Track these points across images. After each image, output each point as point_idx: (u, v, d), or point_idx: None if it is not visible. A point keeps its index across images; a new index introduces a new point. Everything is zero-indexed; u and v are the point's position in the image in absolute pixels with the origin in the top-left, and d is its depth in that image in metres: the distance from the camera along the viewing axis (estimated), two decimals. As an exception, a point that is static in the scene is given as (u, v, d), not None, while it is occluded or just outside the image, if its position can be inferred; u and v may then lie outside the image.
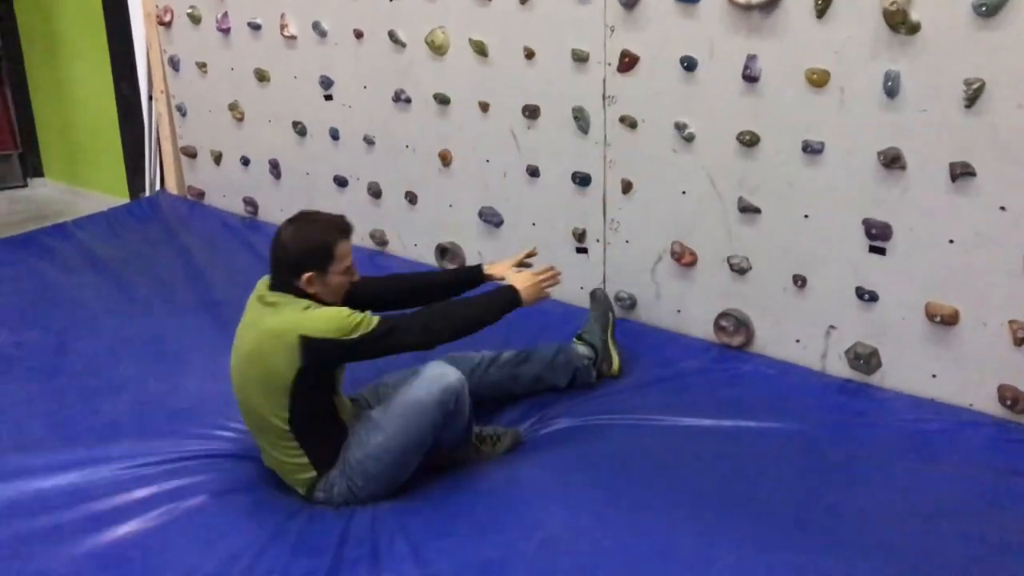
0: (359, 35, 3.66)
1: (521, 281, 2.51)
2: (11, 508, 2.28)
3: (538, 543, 2.10)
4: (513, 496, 2.29)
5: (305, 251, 2.26)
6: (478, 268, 2.72)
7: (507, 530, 2.15)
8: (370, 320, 2.23)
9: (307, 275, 2.25)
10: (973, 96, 2.37)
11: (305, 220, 2.35)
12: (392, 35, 3.54)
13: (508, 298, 2.46)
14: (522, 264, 2.72)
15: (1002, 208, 2.42)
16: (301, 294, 2.28)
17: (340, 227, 2.32)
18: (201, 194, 4.64)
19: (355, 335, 2.19)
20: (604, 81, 3.03)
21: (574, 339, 2.91)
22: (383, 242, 3.93)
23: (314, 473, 2.30)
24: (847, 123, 2.60)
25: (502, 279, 2.61)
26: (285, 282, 2.29)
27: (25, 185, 5.44)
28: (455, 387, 2.30)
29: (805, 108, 2.65)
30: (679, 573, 2.00)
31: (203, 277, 3.77)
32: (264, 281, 2.37)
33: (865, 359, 2.75)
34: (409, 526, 2.17)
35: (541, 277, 2.56)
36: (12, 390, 2.88)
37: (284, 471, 2.35)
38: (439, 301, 2.51)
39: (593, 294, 3.08)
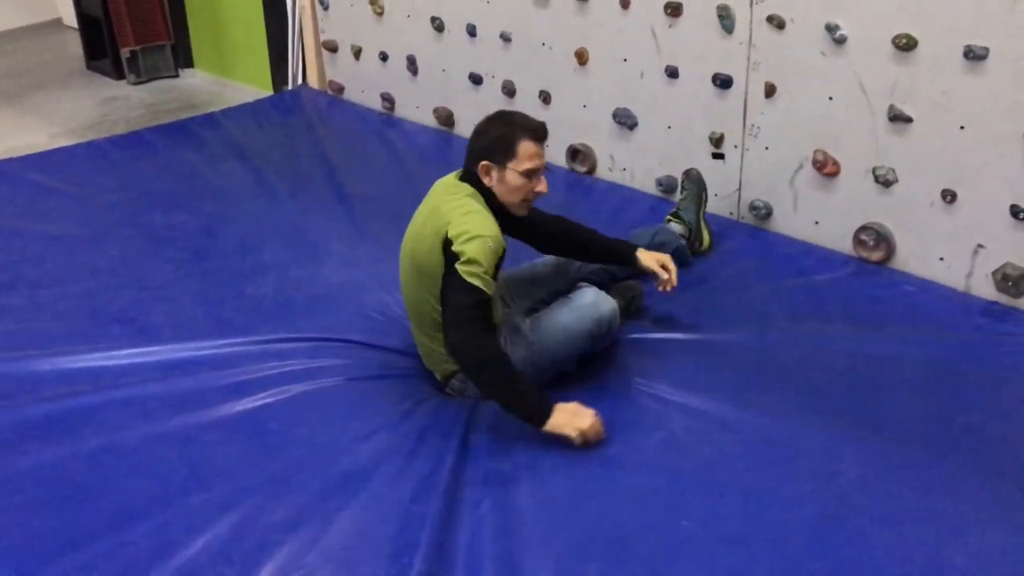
0: (500, -72, 3.60)
1: (567, 417, 2.12)
2: (162, 371, 2.47)
3: (657, 442, 2.13)
4: (635, 399, 2.32)
5: (490, 140, 2.26)
6: (634, 253, 2.54)
7: (627, 429, 2.19)
8: (485, 287, 2.14)
9: (484, 163, 2.26)
10: None
11: (502, 114, 2.34)
12: (534, -72, 3.47)
13: (534, 413, 2.12)
14: (663, 267, 2.52)
15: None
16: (482, 188, 2.29)
17: (531, 128, 2.27)
18: (341, 89, 4.73)
19: (465, 278, 2.12)
20: (753, -22, 2.90)
21: (667, 217, 3.01)
22: (516, 142, 3.92)
23: (456, 366, 2.35)
24: (1018, 26, 2.41)
25: (649, 271, 2.52)
26: (469, 171, 2.31)
27: (177, 75, 5.66)
28: (607, 317, 2.31)
29: (971, 9, 2.48)
30: (803, 483, 2.00)
31: (340, 171, 3.87)
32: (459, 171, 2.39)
33: (1014, 281, 2.61)
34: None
35: (588, 427, 2.11)
36: (165, 269, 3.07)
37: (427, 355, 2.42)
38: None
39: (688, 173, 3.13)
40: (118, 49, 5.50)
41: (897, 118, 2.72)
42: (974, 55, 2.50)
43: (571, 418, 2.10)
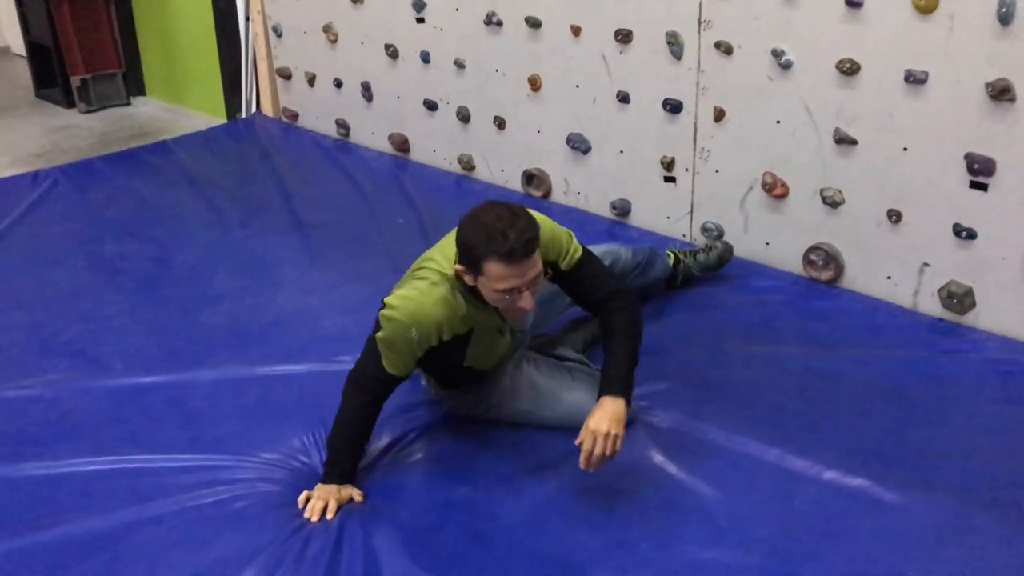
0: (452, -44, 3.63)
1: (331, 492, 2.06)
2: (114, 407, 2.43)
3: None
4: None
5: (462, 246, 1.95)
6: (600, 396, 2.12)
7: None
8: (390, 368, 2.06)
9: (458, 266, 1.99)
10: (1095, 24, 2.23)
11: (479, 217, 1.93)
12: (485, -44, 3.51)
13: (333, 474, 2.09)
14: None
15: (1118, 144, 2.30)
16: (466, 289, 2.05)
17: (499, 250, 1.88)
18: (295, 116, 4.72)
19: (383, 357, 2.05)
20: (700, 5, 2.95)
21: (675, 252, 2.92)
22: (470, 167, 3.95)
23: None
24: (955, 52, 2.48)
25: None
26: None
27: (128, 103, 5.61)
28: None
29: (911, 35, 2.54)
30: (758, 503, 2.01)
31: (295, 198, 3.86)
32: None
33: (959, 298, 2.67)
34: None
35: (320, 505, 2.03)
36: (115, 299, 3.03)
37: None
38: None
39: (726, 244, 3.01)
40: (68, 77, 5.44)
41: (843, 140, 2.78)
42: (915, 79, 2.57)
43: (327, 490, 2.05)
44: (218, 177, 4.11)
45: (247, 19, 4.70)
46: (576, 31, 3.32)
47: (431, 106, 4.00)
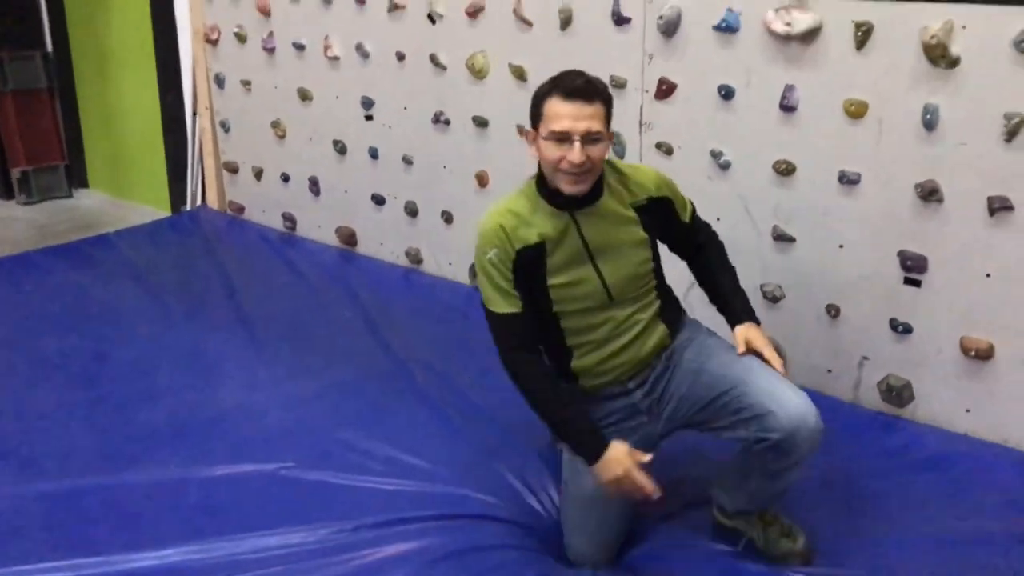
0: (401, 57, 3.72)
1: (619, 460, 1.98)
2: (47, 511, 2.34)
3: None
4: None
5: (533, 96, 2.03)
6: (735, 324, 2.21)
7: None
8: (492, 306, 2.06)
9: (528, 132, 2.05)
10: (1013, 130, 2.36)
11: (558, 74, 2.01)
12: (433, 58, 3.59)
13: (589, 452, 2.02)
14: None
15: (1040, 243, 2.41)
16: (540, 179, 2.09)
17: (561, 84, 1.95)
18: (241, 209, 4.72)
19: (485, 298, 2.09)
20: (641, 108, 3.05)
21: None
22: (418, 260, 3.97)
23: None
24: (884, 155, 2.60)
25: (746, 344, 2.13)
26: None
27: (70, 196, 5.56)
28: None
29: (842, 138, 2.66)
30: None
31: (239, 291, 3.83)
32: None
33: (898, 392, 2.73)
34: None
35: (633, 480, 1.97)
36: (51, 397, 2.95)
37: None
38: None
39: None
40: (8, 169, 5.38)
41: (780, 237, 2.86)
42: (848, 180, 2.68)
43: (606, 465, 1.97)
44: (161, 271, 4.06)
45: (194, 114, 4.73)
46: (522, 131, 3.39)
47: (379, 200, 4.03)
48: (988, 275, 2.50)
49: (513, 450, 2.58)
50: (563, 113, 1.93)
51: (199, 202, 4.87)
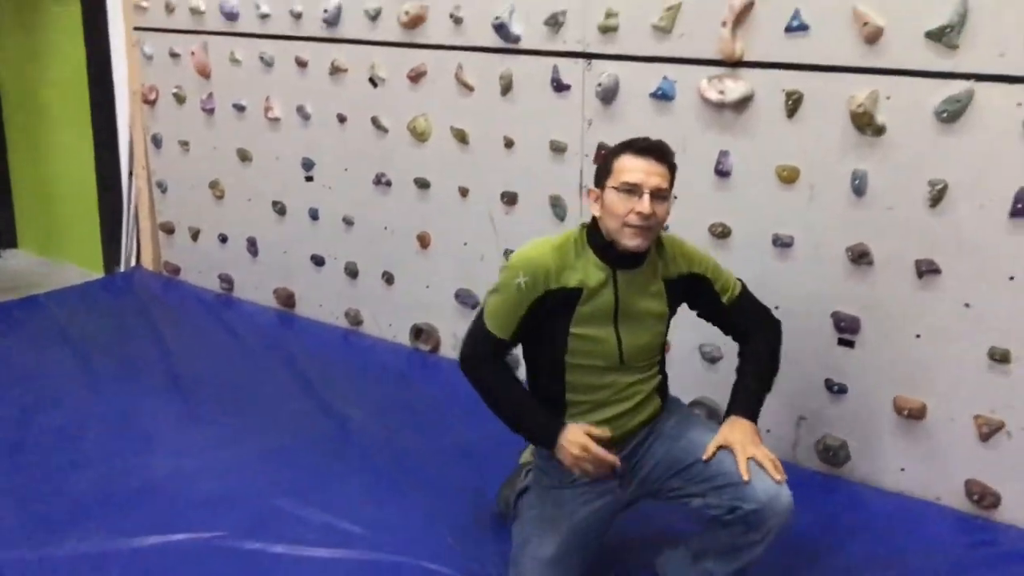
0: (342, 119, 3.73)
1: (577, 438, 2.03)
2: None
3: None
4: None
5: (600, 159, 2.15)
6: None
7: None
8: (488, 320, 2.11)
9: (591, 190, 2.11)
10: (937, 196, 2.45)
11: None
12: (375, 121, 3.61)
13: (548, 436, 2.07)
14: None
15: (966, 305, 2.48)
16: (591, 232, 2.12)
17: (633, 144, 2.06)
18: (177, 270, 4.64)
19: (488, 310, 2.13)
20: (581, 171, 3.10)
21: None
22: (358, 321, 3.93)
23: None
24: (816, 219, 2.67)
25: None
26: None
27: (-2, 256, 5.42)
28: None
29: (775, 203, 2.73)
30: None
31: (174, 354, 3.74)
32: None
33: (834, 451, 2.76)
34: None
35: (595, 455, 2.02)
36: (-26, 465, 2.83)
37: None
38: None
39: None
40: (-69, 230, 5.23)
41: (718, 299, 2.90)
42: (782, 243, 2.74)
43: (567, 445, 2.03)
44: (93, 333, 3.96)
45: (131, 174, 4.67)
46: (464, 192, 3.43)
47: (319, 261, 4.00)
48: (918, 336, 2.57)
49: (457, 514, 2.55)
50: (636, 167, 2.02)
51: (133, 263, 4.78)
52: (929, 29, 2.37)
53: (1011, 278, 2.40)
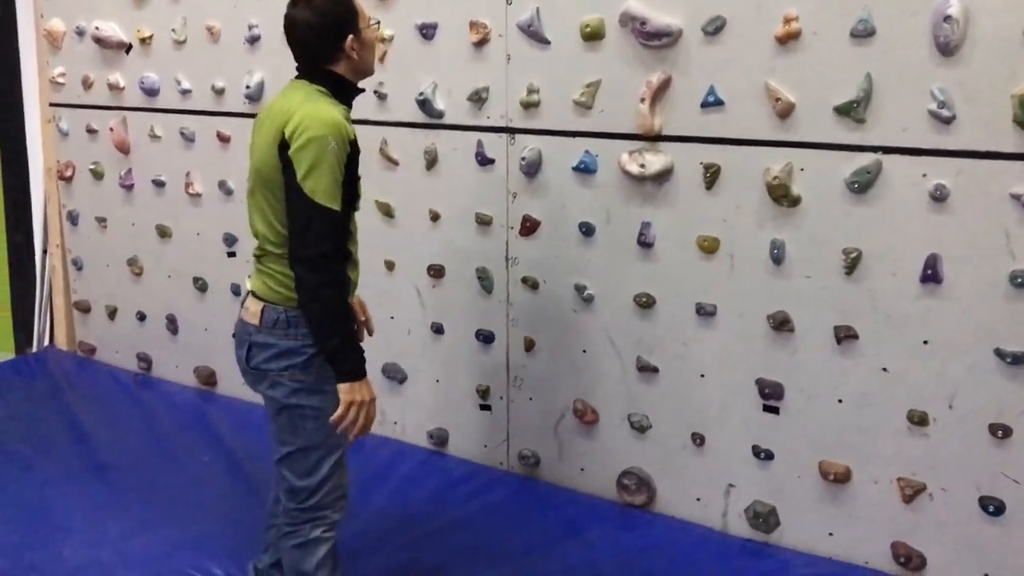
0: (265, 194, 3.69)
1: (371, 387, 2.14)
2: None
3: None
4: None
5: (336, 18, 2.07)
6: None
7: None
8: (329, 202, 1.99)
9: (349, 38, 2.09)
10: (852, 264, 2.53)
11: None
12: (298, 195, 3.59)
13: (361, 367, 2.10)
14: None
15: (884, 369, 2.54)
16: (328, 79, 2.10)
17: None
18: (92, 350, 4.49)
19: (309, 196, 1.97)
20: (507, 243, 3.12)
21: None
22: (282, 400, 3.84)
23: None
24: (737, 287, 2.72)
25: None
26: (308, 71, 2.12)
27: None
28: None
29: (697, 272, 2.78)
30: None
31: (88, 438, 3.60)
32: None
33: (764, 518, 2.78)
34: None
35: (372, 413, 2.14)
36: None
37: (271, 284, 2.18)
38: None
39: None
40: None
41: (644, 368, 2.93)
42: (705, 311, 2.79)
43: (369, 384, 2.10)
44: (2, 417, 3.78)
45: (44, 251, 4.53)
46: (390, 266, 3.41)
47: (241, 338, 3.91)
48: (840, 400, 2.62)
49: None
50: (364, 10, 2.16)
51: (46, 343, 4.61)
52: (837, 104, 2.47)
53: (925, 342, 2.48)
